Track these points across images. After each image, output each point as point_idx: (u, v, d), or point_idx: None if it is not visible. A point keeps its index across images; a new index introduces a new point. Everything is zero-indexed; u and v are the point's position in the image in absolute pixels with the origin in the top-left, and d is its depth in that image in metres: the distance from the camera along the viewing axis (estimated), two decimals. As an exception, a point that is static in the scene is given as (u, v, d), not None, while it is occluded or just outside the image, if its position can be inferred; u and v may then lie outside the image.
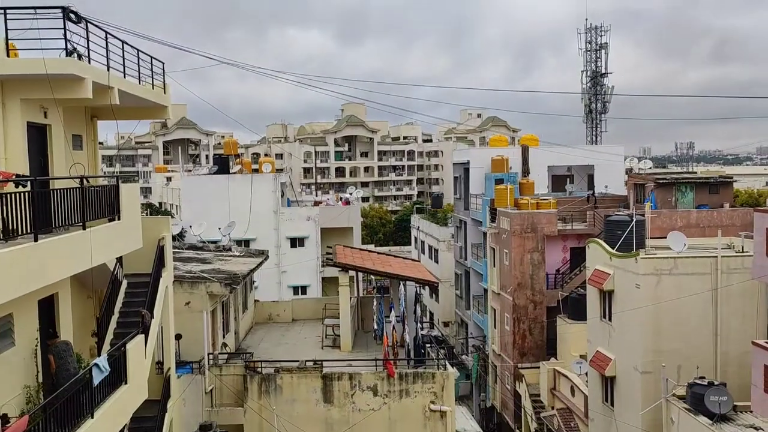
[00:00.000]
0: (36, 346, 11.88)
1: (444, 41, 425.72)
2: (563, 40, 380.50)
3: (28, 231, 9.77)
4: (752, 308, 24.07)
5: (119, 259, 14.93)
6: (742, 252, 25.20)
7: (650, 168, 51.45)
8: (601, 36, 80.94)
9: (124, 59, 13.93)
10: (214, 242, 31.55)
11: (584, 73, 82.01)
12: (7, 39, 11.68)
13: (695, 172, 48.21)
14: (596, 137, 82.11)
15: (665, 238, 26.63)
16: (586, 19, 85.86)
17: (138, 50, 14.70)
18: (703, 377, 21.83)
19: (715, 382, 21.36)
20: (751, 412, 20.40)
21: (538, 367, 34.50)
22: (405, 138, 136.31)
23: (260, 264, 26.53)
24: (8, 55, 11.77)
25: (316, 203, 54.05)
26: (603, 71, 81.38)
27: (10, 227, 9.47)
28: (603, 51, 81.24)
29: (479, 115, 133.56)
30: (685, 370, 23.95)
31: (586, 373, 29.71)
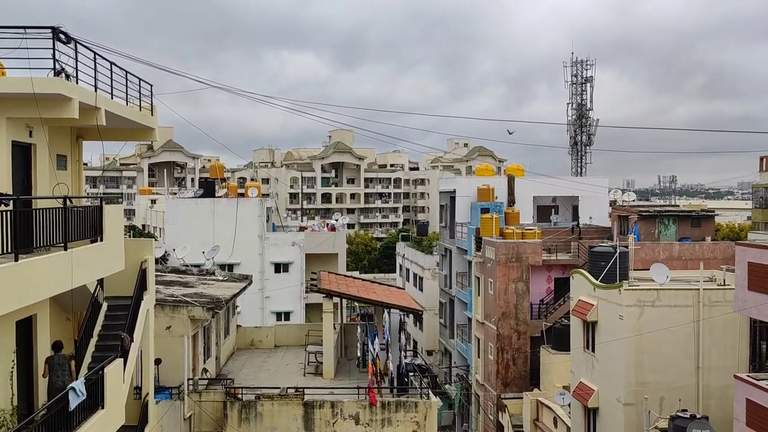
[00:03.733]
0: (12, 368, 11.65)
1: (438, 71, 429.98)
2: (555, 73, 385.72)
3: (9, 250, 9.64)
4: (734, 341, 24.17)
5: (100, 281, 14.75)
6: (724, 285, 25.39)
7: (633, 200, 51.95)
8: (586, 70, 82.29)
9: (112, 80, 13.93)
10: (198, 266, 31.26)
11: (570, 105, 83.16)
12: (-6, 57, 11.66)
13: (678, 206, 48.75)
14: (581, 169, 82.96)
15: (648, 269, 26.78)
16: (572, 53, 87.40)
17: (126, 72, 14.71)
18: (686, 410, 21.82)
19: (698, 415, 21.37)
20: (733, 445, 20.36)
21: (521, 398, 34.33)
22: (392, 166, 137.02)
23: (244, 289, 26.33)
24: (-5, 74, 11.74)
25: (302, 229, 53.93)
26: (588, 104, 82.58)
27: (-10, 246, 9.35)
28: (588, 84, 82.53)
29: (466, 145, 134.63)
30: (667, 402, 23.96)
31: (569, 404, 29.59)
